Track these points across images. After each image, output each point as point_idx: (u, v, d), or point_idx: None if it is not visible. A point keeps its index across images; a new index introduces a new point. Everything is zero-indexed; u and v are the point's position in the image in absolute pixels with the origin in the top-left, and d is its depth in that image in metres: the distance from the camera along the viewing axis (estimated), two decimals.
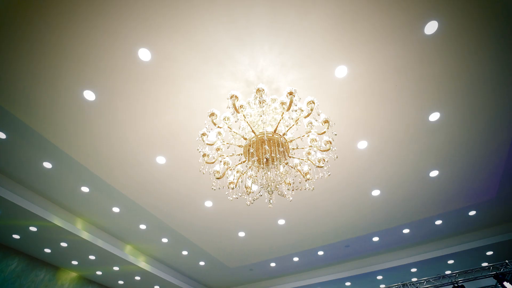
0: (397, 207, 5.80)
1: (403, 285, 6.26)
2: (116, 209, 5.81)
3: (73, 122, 4.09)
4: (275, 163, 2.45)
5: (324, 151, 2.70)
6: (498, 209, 6.13)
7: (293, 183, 2.94)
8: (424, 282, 6.12)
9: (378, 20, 3.12)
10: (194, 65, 3.47)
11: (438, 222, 6.43)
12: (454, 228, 6.70)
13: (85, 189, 5.30)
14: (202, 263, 7.67)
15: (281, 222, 5.97)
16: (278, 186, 2.54)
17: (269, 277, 8.61)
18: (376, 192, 5.34)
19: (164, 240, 6.75)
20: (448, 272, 6.89)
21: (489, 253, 6.94)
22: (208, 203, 5.49)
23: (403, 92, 3.83)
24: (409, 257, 7.27)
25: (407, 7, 3.02)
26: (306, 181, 2.78)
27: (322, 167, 2.76)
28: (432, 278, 6.07)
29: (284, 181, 2.71)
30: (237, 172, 2.91)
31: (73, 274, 7.49)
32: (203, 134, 2.75)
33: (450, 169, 4.98)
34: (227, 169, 2.81)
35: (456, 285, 5.73)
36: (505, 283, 5.26)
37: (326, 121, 2.58)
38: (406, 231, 6.68)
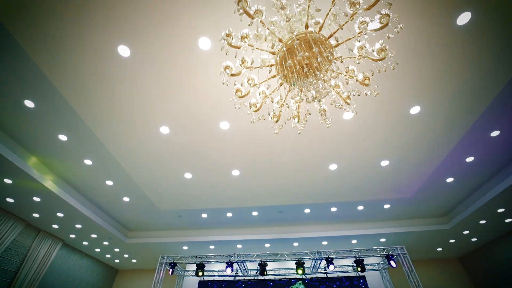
0: (341, 185, 6.28)
1: (318, 252, 7.12)
2: (30, 104, 4.32)
3: None
4: (320, 67, 2.03)
5: (377, 60, 2.30)
6: (406, 208, 7.43)
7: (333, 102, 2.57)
8: (333, 252, 7.10)
9: None
10: None
11: (360, 207, 7.39)
12: (368, 216, 7.84)
13: None
14: (126, 198, 6.77)
15: (236, 173, 5.67)
16: (323, 96, 2.15)
17: (194, 228, 8.39)
18: (333, 166, 5.59)
19: (88, 162, 5.55)
20: (348, 248, 8.15)
21: (382, 240, 8.53)
22: (164, 129, 4.65)
23: (407, 75, 3.88)
24: (325, 231, 8.24)
25: None
26: (345, 102, 2.52)
27: (367, 85, 2.49)
28: (341, 250, 7.13)
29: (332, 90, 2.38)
30: (261, 93, 2.42)
31: None
32: (227, 67, 2.23)
33: (397, 162, 5.60)
34: (253, 85, 2.31)
35: (358, 258, 6.94)
36: (391, 262, 6.72)
37: (385, 15, 2.11)
38: (333, 209, 7.44)
